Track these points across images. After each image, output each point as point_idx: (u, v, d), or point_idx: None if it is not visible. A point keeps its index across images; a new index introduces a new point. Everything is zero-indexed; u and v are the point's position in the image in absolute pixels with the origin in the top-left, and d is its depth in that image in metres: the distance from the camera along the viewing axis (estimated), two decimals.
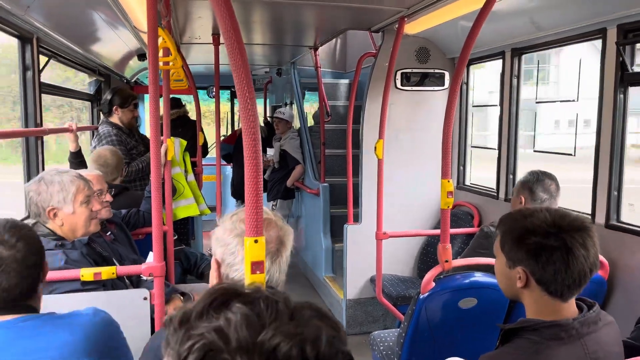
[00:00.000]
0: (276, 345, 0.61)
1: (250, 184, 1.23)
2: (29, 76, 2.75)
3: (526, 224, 1.40)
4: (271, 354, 0.61)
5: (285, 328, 0.63)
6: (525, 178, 2.79)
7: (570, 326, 1.36)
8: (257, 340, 0.62)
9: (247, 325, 0.63)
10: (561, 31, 2.94)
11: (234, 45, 1.19)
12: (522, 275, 1.41)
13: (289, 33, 4.66)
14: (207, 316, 0.66)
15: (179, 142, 3.89)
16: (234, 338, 0.62)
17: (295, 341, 0.62)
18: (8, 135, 2.46)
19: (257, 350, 0.61)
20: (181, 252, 3.39)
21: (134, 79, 6.17)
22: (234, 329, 0.63)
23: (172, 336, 0.66)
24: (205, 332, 0.63)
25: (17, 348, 1.31)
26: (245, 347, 0.62)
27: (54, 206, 2.12)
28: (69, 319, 1.40)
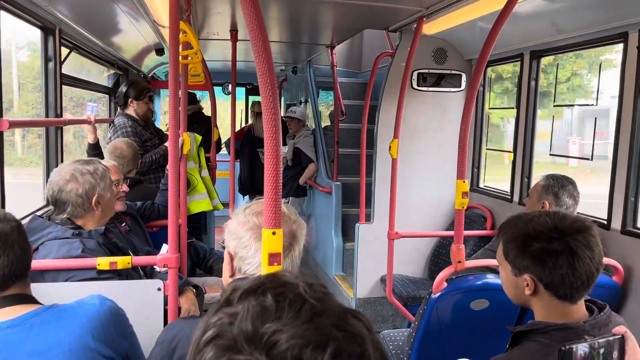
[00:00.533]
0: (276, 341, 0.61)
1: (270, 176, 1.24)
2: (51, 67, 2.79)
3: (528, 230, 1.39)
4: (271, 349, 0.61)
5: (295, 328, 0.62)
6: (548, 182, 2.74)
7: (581, 328, 1.35)
8: (259, 331, 0.62)
9: (260, 315, 0.64)
10: (582, 34, 2.92)
11: (258, 41, 1.20)
12: (530, 283, 1.40)
13: (305, 31, 4.67)
14: (244, 299, 0.67)
15: (194, 137, 3.92)
16: (239, 325, 0.63)
17: (296, 343, 0.61)
18: (29, 124, 2.50)
19: (258, 341, 0.61)
20: (191, 245, 3.42)
21: (150, 73, 6.22)
22: (245, 317, 0.64)
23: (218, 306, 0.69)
24: (225, 315, 0.66)
25: (29, 347, 1.30)
26: (246, 336, 0.62)
27: (99, 193, 2.17)
28: (75, 310, 1.38)
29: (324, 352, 0.60)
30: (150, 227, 3.11)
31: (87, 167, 2.18)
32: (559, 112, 3.72)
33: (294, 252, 1.42)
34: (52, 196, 2.12)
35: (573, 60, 3.56)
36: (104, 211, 2.23)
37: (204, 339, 0.65)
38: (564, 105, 3.74)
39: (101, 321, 1.38)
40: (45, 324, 1.32)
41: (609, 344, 1.24)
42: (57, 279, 2.00)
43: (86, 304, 1.41)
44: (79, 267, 2.00)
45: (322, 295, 0.68)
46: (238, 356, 0.61)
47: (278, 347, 0.60)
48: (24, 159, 6.08)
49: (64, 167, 2.19)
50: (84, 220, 2.18)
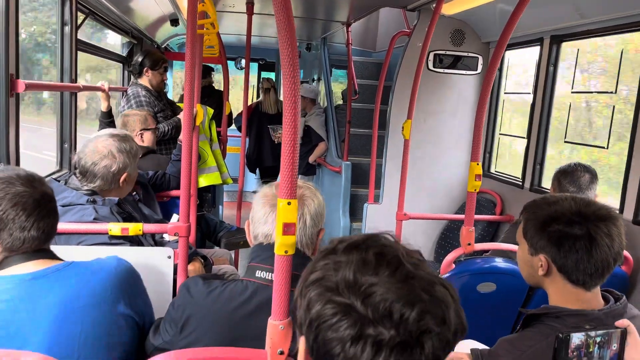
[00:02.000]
0: (372, 293, 0.71)
1: (288, 148, 1.24)
2: (67, 31, 2.78)
3: (550, 212, 1.39)
4: (366, 297, 0.71)
5: (389, 284, 0.72)
6: (560, 168, 2.73)
7: (594, 316, 1.35)
8: (359, 281, 0.72)
9: (361, 268, 0.74)
10: (605, 19, 2.86)
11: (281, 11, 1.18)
12: (544, 263, 1.40)
13: (322, 7, 4.60)
14: (348, 251, 0.78)
15: (206, 109, 3.90)
16: (342, 272, 0.74)
17: (389, 297, 0.70)
18: (45, 87, 2.49)
19: (356, 289, 0.72)
20: (202, 218, 3.44)
21: (164, 44, 6.19)
22: (348, 266, 0.74)
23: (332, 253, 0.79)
24: (330, 262, 0.76)
25: (50, 299, 1.32)
26: (347, 283, 0.73)
27: (129, 172, 2.22)
28: (94, 267, 1.42)
29: (412, 310, 0.70)
30: (161, 197, 3.12)
31: (124, 144, 2.20)
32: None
33: (303, 217, 1.42)
34: (82, 166, 2.14)
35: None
36: (127, 187, 2.28)
37: (310, 278, 0.77)
38: (582, 92, 3.68)
39: (119, 279, 1.42)
40: (67, 279, 1.36)
41: (608, 335, 1.24)
42: (69, 243, 2.02)
43: (105, 263, 1.45)
44: (91, 231, 2.02)
45: (417, 262, 0.77)
46: (338, 298, 0.72)
47: (373, 297, 0.71)
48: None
49: (101, 140, 2.19)
50: (106, 193, 2.20)
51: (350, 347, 0.70)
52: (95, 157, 2.13)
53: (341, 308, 0.72)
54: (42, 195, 1.37)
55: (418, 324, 0.70)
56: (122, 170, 2.18)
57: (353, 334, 0.70)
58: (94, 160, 2.12)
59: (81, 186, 2.15)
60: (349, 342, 0.70)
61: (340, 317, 0.71)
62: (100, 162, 2.12)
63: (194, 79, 2.24)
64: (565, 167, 2.71)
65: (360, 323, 0.70)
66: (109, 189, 2.19)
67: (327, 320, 0.72)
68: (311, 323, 0.74)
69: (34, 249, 1.37)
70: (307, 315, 0.75)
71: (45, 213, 1.37)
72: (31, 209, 1.33)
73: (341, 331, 0.71)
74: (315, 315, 0.74)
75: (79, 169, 2.15)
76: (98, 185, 2.15)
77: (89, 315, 1.35)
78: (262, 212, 1.39)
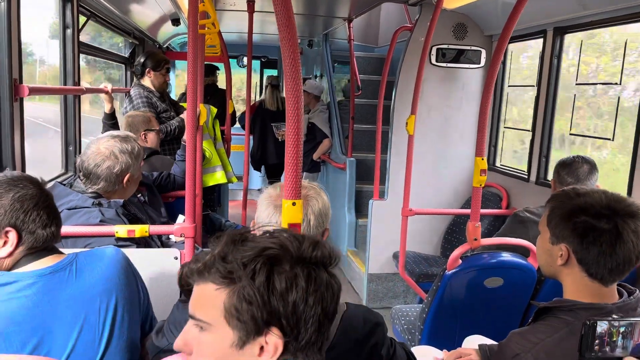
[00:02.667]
0: (314, 252, 0.90)
1: (291, 148, 1.24)
2: (69, 34, 2.78)
3: (579, 202, 1.37)
4: (315, 258, 0.90)
5: (309, 239, 0.91)
6: (560, 160, 2.73)
7: (607, 310, 1.34)
8: (302, 249, 0.89)
9: (290, 243, 0.90)
10: (608, 10, 2.83)
11: (281, 9, 1.18)
12: (564, 253, 1.39)
13: (323, 3, 4.59)
14: (239, 250, 0.89)
15: (209, 109, 3.90)
16: (288, 250, 0.89)
17: (320, 245, 0.91)
18: (49, 91, 2.50)
19: (305, 257, 0.89)
20: (206, 217, 3.44)
21: (166, 44, 6.19)
22: (285, 244, 0.89)
23: (221, 269, 0.88)
24: (256, 252, 0.87)
25: (69, 290, 1.39)
26: (298, 256, 0.89)
27: (132, 173, 2.22)
28: (98, 255, 1.49)
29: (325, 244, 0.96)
30: (166, 197, 3.13)
31: (126, 145, 2.21)
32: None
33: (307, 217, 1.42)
34: (85, 168, 2.14)
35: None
36: (131, 188, 2.29)
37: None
38: (587, 84, 3.66)
39: (122, 264, 1.50)
40: (80, 269, 1.43)
41: (632, 325, 1.23)
42: (76, 246, 2.02)
43: (105, 251, 1.52)
44: (97, 234, 2.02)
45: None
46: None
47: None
48: None
49: (103, 142, 2.20)
50: (110, 195, 2.21)
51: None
52: (98, 158, 2.13)
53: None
54: (49, 195, 1.45)
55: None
56: (125, 171, 2.18)
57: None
58: (97, 162, 2.13)
59: (85, 189, 2.16)
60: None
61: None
62: (102, 163, 2.13)
63: (197, 78, 2.23)
64: (565, 158, 2.70)
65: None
66: (113, 190, 2.19)
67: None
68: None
69: (50, 246, 1.44)
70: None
71: (56, 211, 1.45)
72: (50, 208, 1.41)
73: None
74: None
75: (82, 172, 2.15)
76: (102, 187, 2.16)
77: (104, 302, 1.42)
78: (266, 212, 1.39)
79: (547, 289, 2.51)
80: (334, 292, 0.90)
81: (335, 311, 0.91)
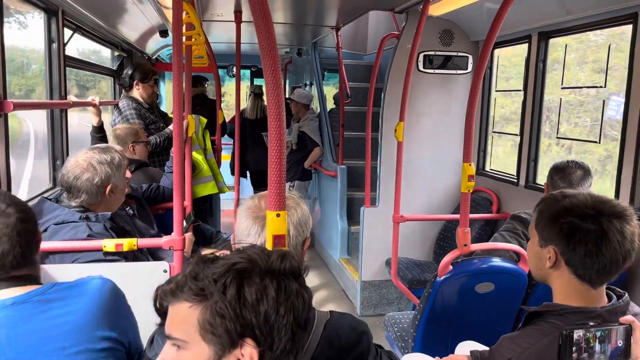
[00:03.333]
0: (282, 263, 0.93)
1: (274, 159, 1.24)
2: (54, 48, 2.78)
3: (565, 204, 1.38)
4: (284, 269, 0.92)
5: (277, 252, 0.95)
6: (554, 164, 2.74)
7: (596, 313, 1.34)
8: (270, 261, 0.92)
9: (259, 256, 0.93)
10: (591, 15, 2.86)
11: (261, 22, 1.18)
12: (552, 255, 1.39)
13: (311, 12, 4.61)
14: (210, 267, 0.91)
15: (199, 119, 3.90)
16: (257, 263, 0.91)
17: (289, 257, 0.95)
18: (34, 106, 2.49)
19: (274, 269, 0.92)
20: (197, 228, 3.43)
21: (155, 55, 6.19)
22: (252, 259, 0.92)
23: (194, 287, 0.90)
24: (227, 267, 0.89)
25: (32, 324, 1.30)
26: (266, 268, 0.91)
27: (114, 183, 2.20)
28: (78, 289, 1.38)
29: (292, 255, 0.99)
30: (156, 209, 3.12)
31: (105, 156, 2.19)
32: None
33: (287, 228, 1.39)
34: (66, 182, 2.13)
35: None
36: (116, 199, 2.26)
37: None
38: (572, 88, 3.69)
39: (103, 301, 1.38)
40: (50, 303, 1.33)
41: (608, 330, 1.23)
42: (64, 261, 2.01)
43: (89, 284, 1.41)
44: (85, 249, 2.01)
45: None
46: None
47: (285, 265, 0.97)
48: None
49: (81, 154, 2.19)
50: (95, 207, 2.19)
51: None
52: (77, 171, 2.12)
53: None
54: (21, 219, 1.34)
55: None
56: (106, 182, 2.16)
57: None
58: (76, 174, 2.12)
59: (70, 203, 2.14)
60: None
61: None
62: (82, 175, 2.12)
63: (182, 89, 2.23)
64: (559, 163, 2.71)
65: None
66: (96, 202, 2.17)
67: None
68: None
69: (19, 275, 1.33)
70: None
71: (25, 234, 1.34)
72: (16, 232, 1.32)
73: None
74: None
75: (64, 185, 2.14)
76: (84, 200, 2.14)
77: (72, 341, 1.30)
78: (244, 224, 1.38)
79: (538, 293, 2.52)
80: (305, 301, 0.93)
81: (307, 320, 0.94)
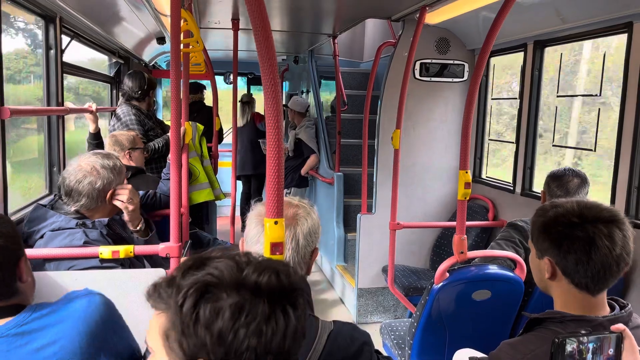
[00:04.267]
0: (257, 278, 0.81)
1: (272, 166, 1.24)
2: (52, 55, 2.78)
3: (553, 214, 1.40)
4: (255, 286, 0.80)
5: (259, 266, 0.83)
6: (551, 172, 2.75)
7: (598, 322, 1.34)
8: (242, 275, 0.81)
9: (231, 268, 0.82)
10: (586, 24, 2.89)
11: (260, 30, 1.19)
12: (549, 266, 1.40)
13: (308, 20, 4.63)
14: (188, 274, 0.82)
15: (196, 126, 3.91)
16: (225, 276, 0.80)
17: (270, 271, 0.82)
18: (31, 112, 2.48)
19: (245, 284, 0.80)
20: (194, 235, 3.42)
21: (152, 62, 6.20)
22: (222, 272, 0.81)
23: (163, 294, 0.83)
24: (195, 279, 0.80)
25: (14, 358, 1.22)
26: (235, 283, 0.80)
27: (115, 189, 2.20)
28: (60, 314, 1.30)
29: (290, 271, 0.87)
30: (153, 216, 3.11)
31: (107, 161, 2.20)
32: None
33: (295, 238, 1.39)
34: (67, 186, 2.12)
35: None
36: (114, 205, 2.25)
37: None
38: (567, 96, 3.71)
39: (89, 324, 1.29)
40: (30, 334, 1.25)
41: (600, 340, 1.24)
42: (60, 268, 2.00)
43: (71, 306, 1.32)
44: (81, 256, 2.00)
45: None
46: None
47: (261, 281, 0.84)
48: None
49: (84, 158, 2.19)
50: (93, 212, 2.18)
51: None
52: (79, 174, 2.12)
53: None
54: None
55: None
56: (107, 187, 2.16)
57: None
58: (78, 178, 2.11)
59: (67, 208, 2.14)
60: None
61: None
62: (84, 179, 2.11)
63: (180, 96, 2.24)
64: (556, 171, 2.72)
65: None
66: (95, 207, 2.17)
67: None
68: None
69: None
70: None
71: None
72: None
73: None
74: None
75: (64, 189, 2.13)
76: (84, 204, 2.13)
77: None
78: (254, 231, 1.37)
79: (536, 299, 2.52)
80: (279, 327, 0.80)
81: (289, 349, 0.82)
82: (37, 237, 2.07)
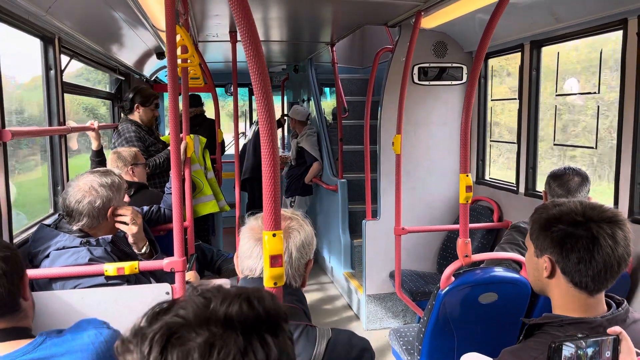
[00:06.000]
0: (227, 309, 0.71)
1: (268, 179, 1.25)
2: (52, 75, 2.81)
3: (555, 212, 1.39)
4: (225, 318, 0.71)
5: (228, 295, 0.73)
6: (552, 171, 2.74)
7: (597, 323, 1.34)
8: (210, 309, 0.71)
9: (197, 304, 0.72)
10: (581, 22, 2.89)
11: (250, 44, 1.20)
12: (548, 264, 1.39)
13: (306, 29, 4.66)
14: (155, 320, 0.73)
15: (198, 139, 3.93)
16: (190, 315, 0.71)
17: (240, 299, 0.72)
18: (33, 134, 2.51)
19: (213, 318, 0.70)
20: (197, 248, 3.43)
21: (153, 77, 6.25)
22: (187, 310, 0.72)
23: (130, 345, 0.73)
24: (161, 324, 0.71)
25: None
26: (202, 319, 0.70)
27: (115, 206, 2.21)
28: (69, 344, 1.29)
29: (263, 296, 0.75)
30: (157, 231, 3.12)
31: (105, 179, 2.21)
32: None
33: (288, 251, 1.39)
34: (67, 206, 2.14)
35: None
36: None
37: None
38: (566, 95, 3.71)
39: (98, 355, 1.29)
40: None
41: (598, 343, 1.23)
42: (66, 287, 2.01)
43: (81, 336, 1.32)
44: (86, 273, 2.01)
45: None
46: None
47: (231, 311, 0.73)
48: None
49: (82, 178, 2.21)
50: (96, 230, 2.20)
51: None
52: (78, 195, 2.13)
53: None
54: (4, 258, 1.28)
55: None
56: (107, 204, 2.18)
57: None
58: (77, 198, 2.13)
59: (71, 227, 2.15)
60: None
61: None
62: (83, 199, 2.13)
63: (178, 110, 2.26)
64: (556, 170, 2.71)
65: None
66: (98, 225, 2.18)
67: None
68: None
69: (9, 328, 1.26)
70: None
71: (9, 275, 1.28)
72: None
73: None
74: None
75: (65, 210, 2.15)
76: (86, 223, 2.15)
77: None
78: (247, 245, 1.39)
79: (543, 301, 2.50)
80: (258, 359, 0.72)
81: None
82: (42, 256, 2.09)
